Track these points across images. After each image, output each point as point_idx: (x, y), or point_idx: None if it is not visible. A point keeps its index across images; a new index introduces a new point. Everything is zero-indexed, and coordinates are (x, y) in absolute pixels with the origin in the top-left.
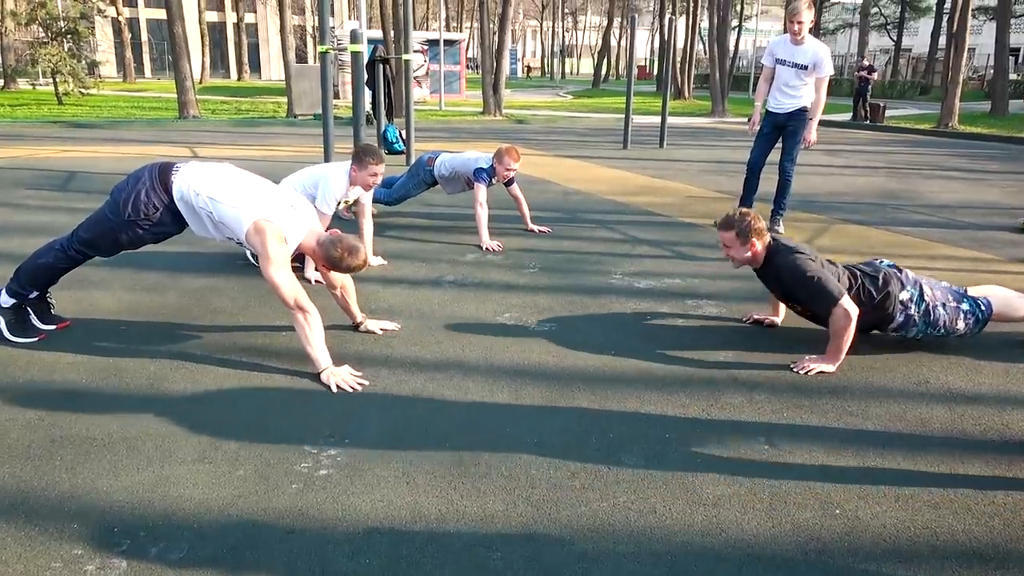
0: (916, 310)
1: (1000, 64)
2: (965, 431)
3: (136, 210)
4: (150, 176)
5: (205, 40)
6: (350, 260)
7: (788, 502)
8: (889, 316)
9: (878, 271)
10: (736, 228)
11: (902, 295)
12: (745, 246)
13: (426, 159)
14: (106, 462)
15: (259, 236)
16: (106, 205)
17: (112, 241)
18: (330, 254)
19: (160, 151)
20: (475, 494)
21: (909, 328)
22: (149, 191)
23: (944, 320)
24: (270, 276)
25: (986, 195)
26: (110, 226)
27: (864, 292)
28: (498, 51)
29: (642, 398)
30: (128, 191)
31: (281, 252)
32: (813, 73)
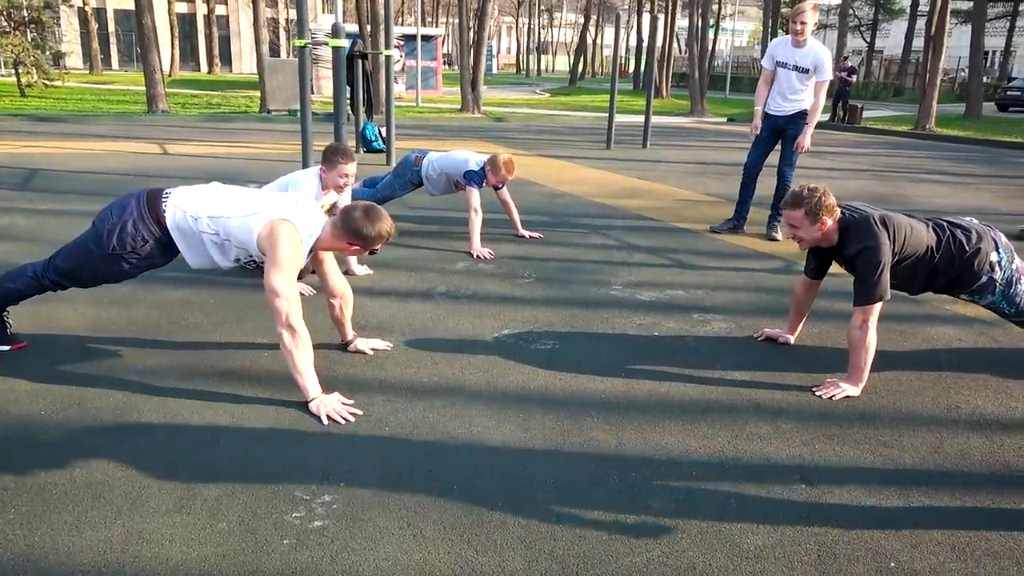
0: (1001, 275)
1: (975, 67)
2: (1008, 464)
3: (122, 243)
4: (138, 205)
5: (175, 32)
6: (379, 225)
7: (837, 553)
8: (976, 274)
9: (970, 226)
10: (805, 206)
11: (991, 256)
12: (815, 225)
13: (413, 158)
14: (68, 515)
15: (272, 237)
16: (88, 235)
17: (92, 274)
18: (354, 226)
19: (129, 147)
20: (491, 549)
21: (985, 294)
22: (137, 221)
23: (1021, 298)
24: (272, 283)
25: (977, 200)
26: (91, 258)
27: (955, 242)
28: (476, 47)
29: (661, 428)
30: (113, 222)
31: (292, 259)
32: (813, 76)
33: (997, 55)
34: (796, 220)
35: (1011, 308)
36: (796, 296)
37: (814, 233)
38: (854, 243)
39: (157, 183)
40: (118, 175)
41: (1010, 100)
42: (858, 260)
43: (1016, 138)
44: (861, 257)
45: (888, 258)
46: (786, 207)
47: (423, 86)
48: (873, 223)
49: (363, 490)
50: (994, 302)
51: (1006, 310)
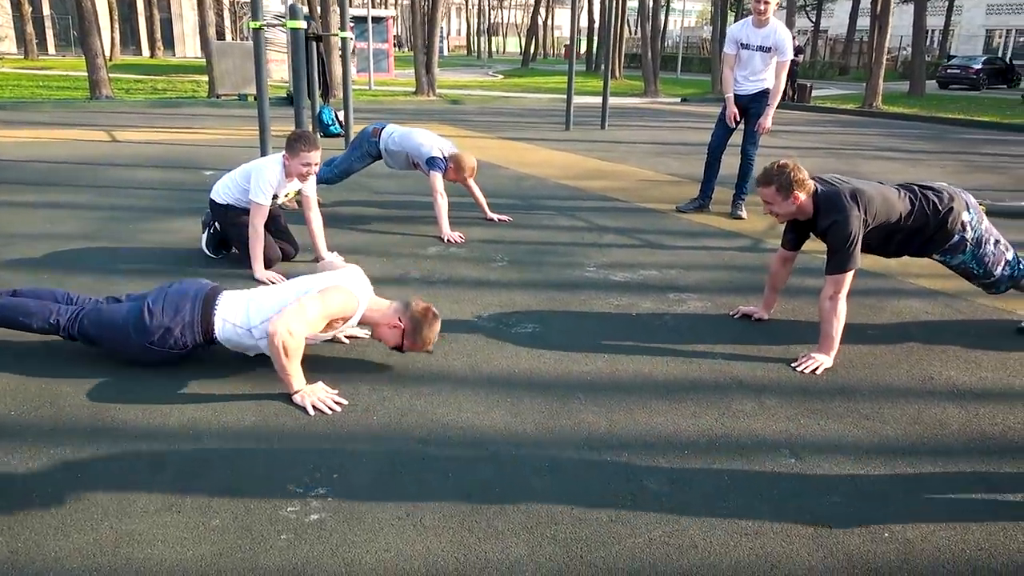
0: (972, 235)
1: (918, 46)
2: (984, 432)
3: (163, 343)
4: (192, 312)
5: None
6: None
7: (833, 526)
8: (949, 232)
9: (942, 188)
10: (776, 183)
11: (963, 216)
12: (788, 200)
13: (371, 130)
14: (51, 518)
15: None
16: (132, 319)
17: (115, 350)
18: (417, 316)
19: (74, 134)
20: (493, 536)
21: (956, 254)
22: (186, 328)
23: (990, 259)
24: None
25: (927, 175)
26: (125, 340)
27: (928, 203)
28: (430, 29)
29: (649, 408)
30: (163, 323)
31: (336, 308)
32: (775, 56)
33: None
34: (769, 196)
35: (980, 268)
36: (772, 270)
37: (788, 207)
38: (826, 216)
39: (106, 171)
40: (67, 163)
41: (950, 77)
42: (830, 232)
43: (959, 115)
44: (832, 229)
45: (858, 230)
46: (759, 185)
47: (375, 69)
48: (844, 197)
49: (357, 481)
50: (964, 261)
51: (975, 270)
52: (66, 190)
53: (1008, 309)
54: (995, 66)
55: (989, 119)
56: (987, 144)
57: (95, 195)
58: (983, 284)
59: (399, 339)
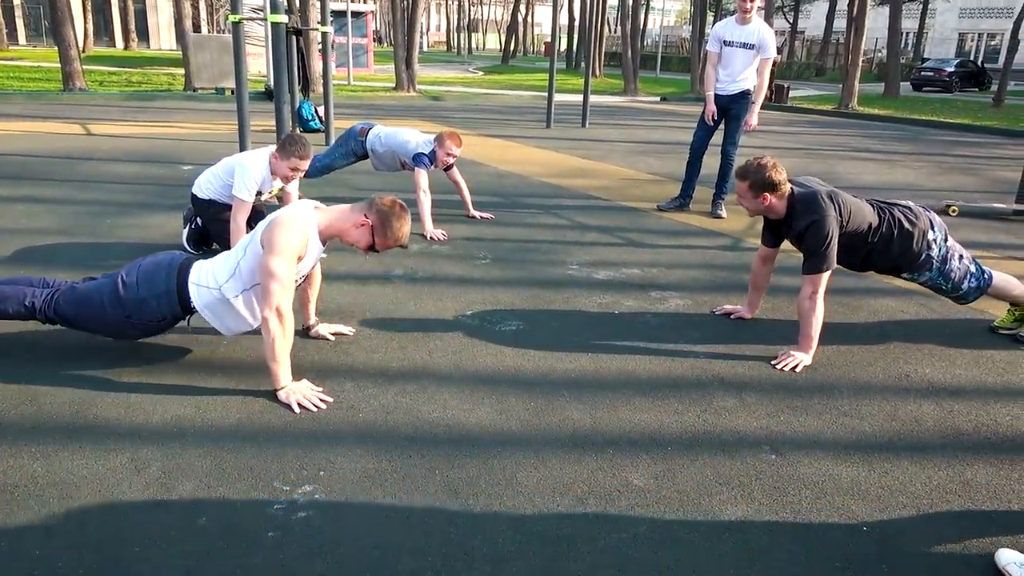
0: (938, 253)
1: (893, 48)
2: (959, 428)
3: (140, 315)
4: (167, 282)
5: (87, 5)
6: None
7: (813, 521)
8: (916, 253)
9: (909, 205)
10: (750, 179)
11: (929, 234)
12: (757, 199)
13: (358, 129)
14: (35, 516)
15: (272, 226)
16: (105, 292)
17: (94, 328)
18: (382, 207)
19: (48, 127)
20: (480, 531)
21: (923, 271)
22: (162, 297)
23: (955, 274)
24: (269, 264)
25: (903, 176)
26: (102, 316)
27: (895, 222)
28: (411, 25)
29: (633, 405)
30: (139, 294)
31: (293, 243)
32: (759, 54)
33: (911, 36)
34: (741, 191)
35: (947, 284)
36: (753, 270)
37: (757, 205)
38: (803, 217)
39: (82, 165)
40: (41, 157)
41: (924, 80)
42: (807, 233)
43: (933, 116)
44: (810, 230)
45: (835, 230)
46: (736, 176)
47: (354, 64)
48: (821, 197)
49: (344, 478)
50: (931, 278)
51: (943, 286)
52: (41, 184)
53: (980, 309)
54: (967, 69)
55: (962, 121)
56: (960, 146)
57: (71, 189)
58: (952, 297)
59: (369, 237)
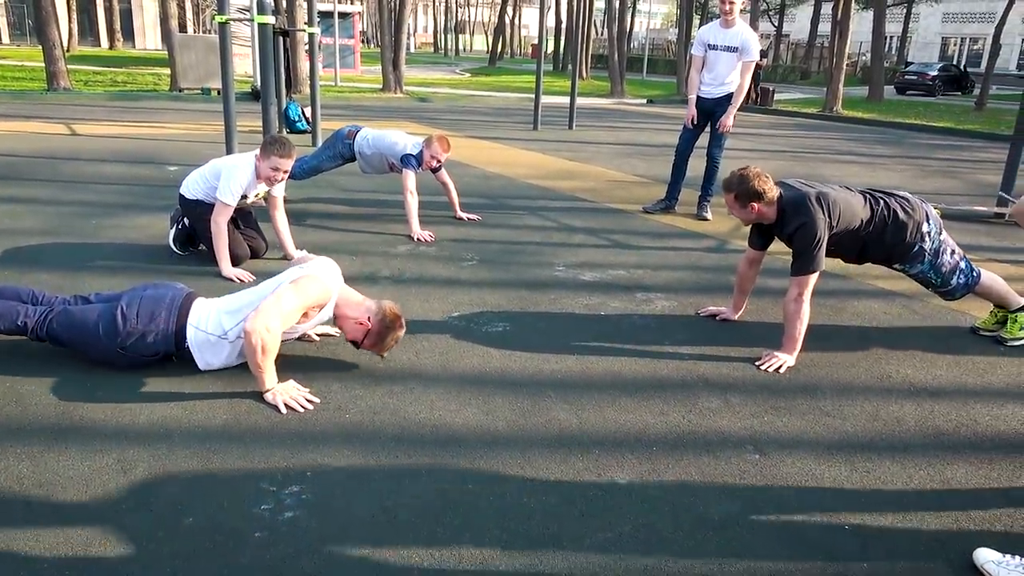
0: (931, 245)
1: (877, 52)
2: (939, 428)
3: (135, 349)
4: (167, 320)
5: (71, 4)
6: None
7: (795, 519)
8: (910, 243)
9: (906, 197)
10: (736, 190)
11: (923, 226)
12: (745, 208)
13: (346, 132)
14: (20, 518)
15: (312, 280)
16: (103, 321)
17: (85, 352)
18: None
19: (32, 127)
20: (467, 530)
21: (915, 263)
22: (159, 336)
23: (946, 267)
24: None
25: (885, 179)
26: (95, 343)
27: (889, 212)
28: (397, 26)
29: (618, 406)
30: (136, 327)
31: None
32: (741, 57)
33: (895, 40)
34: (728, 202)
35: (938, 277)
36: (740, 272)
37: (748, 215)
38: (792, 220)
39: (67, 165)
40: (25, 157)
41: (908, 84)
42: (796, 236)
43: (916, 120)
44: (799, 233)
45: (823, 233)
46: (723, 188)
47: (341, 65)
48: (809, 200)
49: (331, 479)
50: (923, 271)
51: (933, 279)
52: (25, 184)
53: (962, 310)
54: (950, 73)
55: (944, 125)
56: (942, 149)
57: (56, 190)
58: (940, 292)
59: (361, 336)
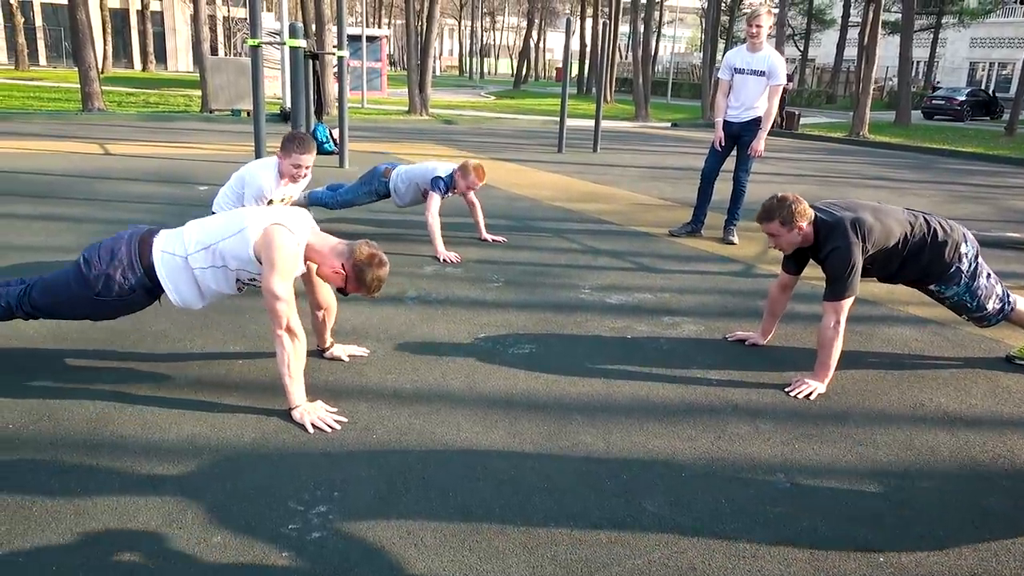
0: (967, 267)
1: (904, 76)
2: (975, 459)
3: (109, 290)
4: (128, 252)
5: (107, 27)
6: (380, 271)
7: (829, 551)
8: (947, 263)
9: (944, 218)
10: (779, 216)
11: (962, 248)
12: (793, 231)
13: (382, 170)
14: (51, 533)
15: (267, 241)
16: (71, 274)
17: (71, 312)
18: (358, 257)
19: (67, 147)
20: (494, 555)
21: (951, 284)
22: (126, 270)
23: (982, 292)
24: (272, 287)
25: (913, 204)
26: (73, 299)
27: (929, 230)
28: (424, 49)
29: (646, 431)
30: (101, 268)
31: (290, 263)
32: (769, 81)
33: (922, 65)
34: (774, 230)
35: (973, 301)
36: (771, 296)
37: (794, 238)
38: (827, 244)
39: (101, 184)
40: (60, 176)
41: (935, 108)
42: (830, 259)
43: (944, 145)
44: (833, 256)
45: (858, 259)
46: (761, 221)
47: (368, 87)
48: (845, 224)
49: (358, 499)
50: (958, 293)
51: (968, 302)
52: (61, 202)
53: (996, 338)
54: (978, 98)
55: (973, 150)
56: (971, 175)
57: (90, 208)
58: (974, 318)
59: (342, 283)
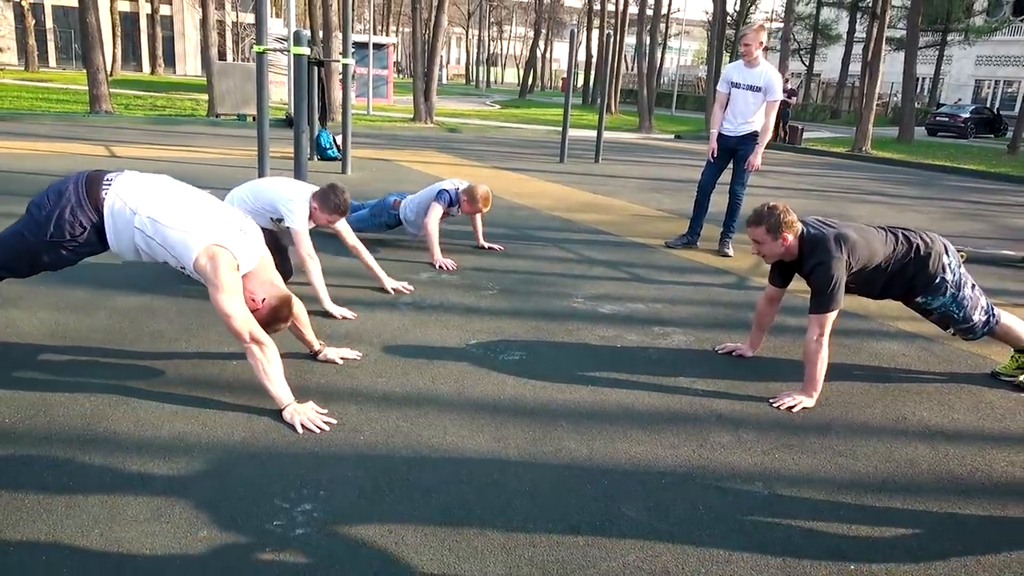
0: (952, 278)
1: (908, 93)
2: (953, 472)
3: (60, 230)
4: (76, 190)
5: (117, 31)
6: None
7: (801, 557)
8: (931, 274)
9: (924, 231)
10: (766, 223)
11: (944, 258)
12: (777, 240)
13: (391, 201)
14: (42, 524)
15: (212, 263)
16: (23, 224)
17: (30, 264)
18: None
19: (73, 148)
20: (473, 555)
21: (937, 295)
22: (75, 208)
23: (968, 303)
24: (222, 306)
25: (912, 221)
26: (28, 247)
27: (911, 245)
28: (430, 57)
29: (629, 438)
30: (50, 209)
31: (234, 280)
32: (766, 96)
33: (927, 82)
34: (759, 236)
35: (960, 311)
36: (758, 309)
37: (777, 248)
38: (812, 258)
39: None
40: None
41: (939, 125)
42: (814, 274)
43: (946, 162)
44: (817, 271)
45: (842, 274)
46: (749, 225)
47: (374, 94)
48: (829, 240)
49: (343, 498)
50: (945, 303)
51: (955, 313)
52: None
53: (983, 354)
54: (982, 116)
55: (975, 167)
56: (972, 192)
57: None
58: (961, 329)
59: (251, 309)
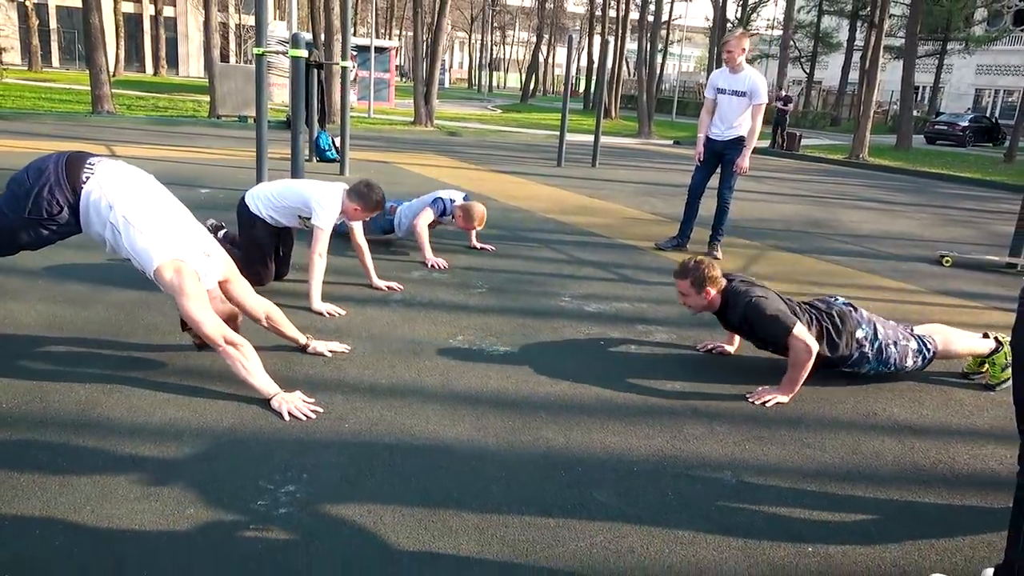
0: (870, 348)
1: (906, 101)
2: (917, 464)
3: (38, 208)
4: (56, 170)
5: (120, 32)
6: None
7: (762, 540)
8: (847, 355)
9: (832, 307)
10: (691, 276)
11: (858, 333)
12: (700, 294)
13: (388, 207)
14: (36, 501)
15: (176, 276)
16: (2, 200)
17: (8, 242)
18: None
19: (75, 148)
20: (447, 533)
21: (862, 365)
22: (54, 187)
23: (895, 358)
24: (192, 314)
25: (903, 226)
26: (7, 223)
27: (824, 331)
28: (431, 61)
29: (606, 429)
30: (29, 186)
31: (200, 289)
32: (751, 101)
33: (927, 90)
34: (684, 288)
35: (889, 367)
36: None
37: (700, 301)
38: (737, 308)
39: None
40: None
41: (937, 133)
42: (749, 316)
43: (942, 169)
44: (751, 313)
45: (773, 303)
46: (676, 276)
47: (375, 97)
48: (752, 289)
49: (325, 481)
50: (872, 368)
51: (886, 370)
52: None
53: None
54: (981, 124)
55: (971, 175)
56: (966, 199)
57: None
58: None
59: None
